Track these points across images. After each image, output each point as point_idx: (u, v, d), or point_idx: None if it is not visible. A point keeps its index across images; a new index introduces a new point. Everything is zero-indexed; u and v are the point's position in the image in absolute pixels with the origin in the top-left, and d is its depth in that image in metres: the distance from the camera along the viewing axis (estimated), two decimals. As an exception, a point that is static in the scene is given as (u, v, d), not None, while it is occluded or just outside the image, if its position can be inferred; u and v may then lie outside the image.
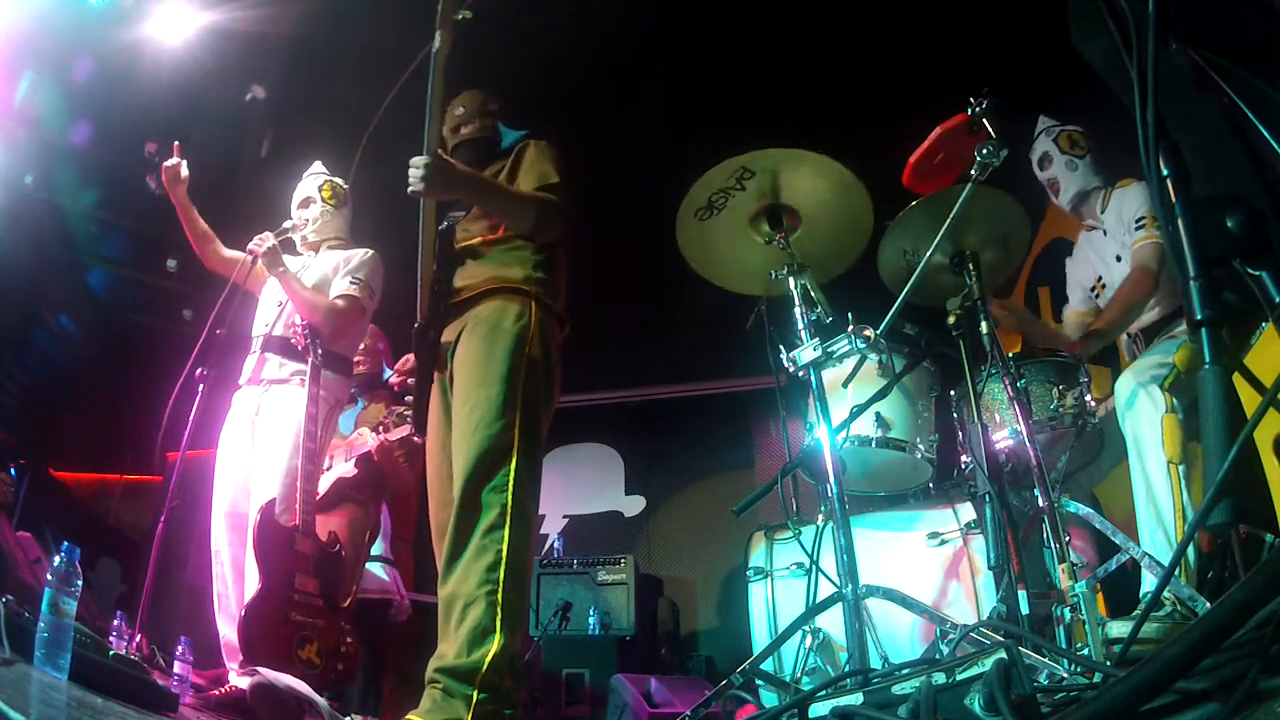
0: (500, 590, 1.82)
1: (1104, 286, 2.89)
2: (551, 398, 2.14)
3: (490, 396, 1.98)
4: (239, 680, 2.33)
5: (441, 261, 2.21)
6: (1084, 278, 3.00)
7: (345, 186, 3.34)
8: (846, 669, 1.92)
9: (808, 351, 2.09)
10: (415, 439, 2.34)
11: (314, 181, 3.29)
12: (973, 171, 2.12)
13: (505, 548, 1.86)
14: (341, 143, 3.96)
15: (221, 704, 2.10)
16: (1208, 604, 1.94)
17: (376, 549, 4.21)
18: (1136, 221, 2.69)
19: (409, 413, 3.29)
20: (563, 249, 2.31)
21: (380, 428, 3.32)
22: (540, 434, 2.07)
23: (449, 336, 2.17)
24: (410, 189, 2.04)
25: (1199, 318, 0.87)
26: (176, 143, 3.06)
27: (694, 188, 2.24)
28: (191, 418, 2.89)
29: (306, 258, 3.16)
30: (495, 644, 1.78)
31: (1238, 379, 1.11)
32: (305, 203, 3.24)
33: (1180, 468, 2.16)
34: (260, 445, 2.81)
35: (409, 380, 2.24)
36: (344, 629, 2.55)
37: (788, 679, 2.45)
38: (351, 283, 2.98)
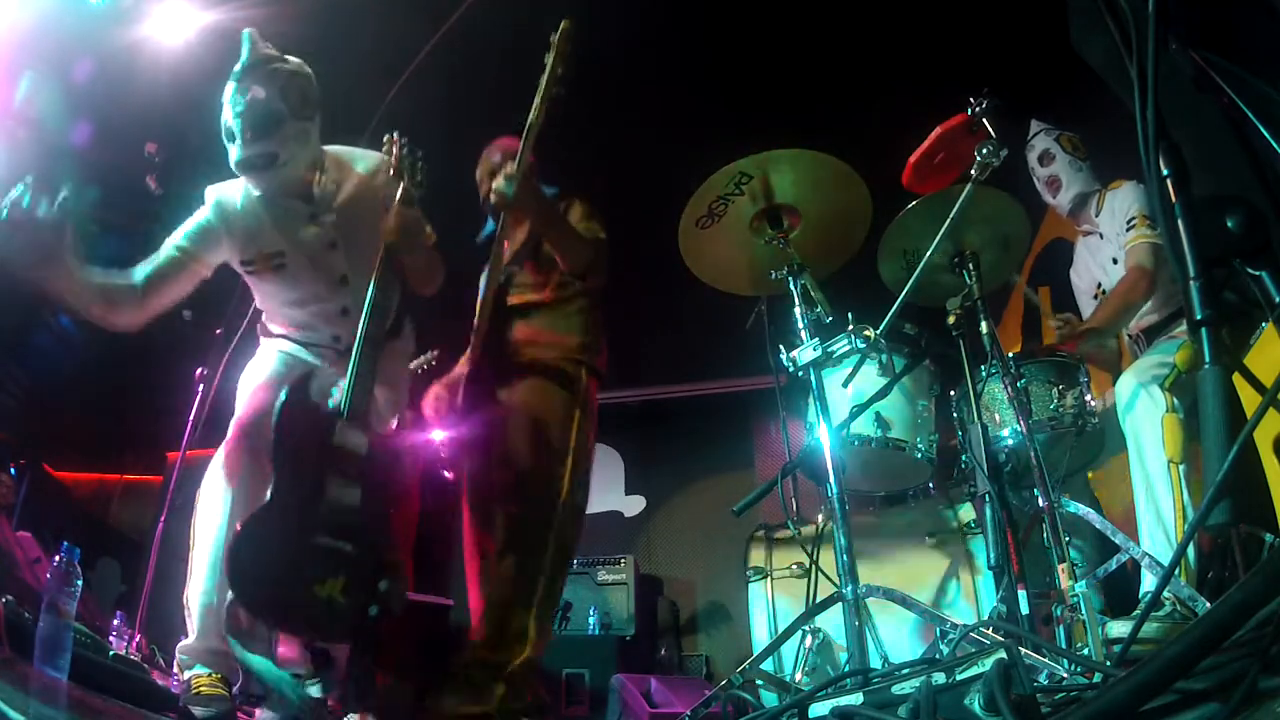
0: (541, 602, 2.10)
1: (1103, 292, 2.88)
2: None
3: (551, 453, 2.23)
4: None
5: (494, 311, 2.37)
6: (1087, 286, 2.99)
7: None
8: (846, 669, 1.92)
9: (808, 351, 2.09)
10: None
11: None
12: (973, 171, 2.12)
13: (547, 572, 2.13)
14: (341, 144, 3.96)
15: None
16: (1208, 604, 1.94)
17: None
18: (1128, 221, 2.69)
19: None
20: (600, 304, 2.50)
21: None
22: (589, 481, 2.33)
23: (502, 391, 2.33)
24: (494, 198, 2.15)
25: (1199, 318, 0.87)
26: None
27: (693, 197, 2.25)
28: (191, 418, 2.89)
29: None
30: (528, 649, 2.05)
31: (1238, 379, 1.11)
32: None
33: (1181, 467, 2.16)
34: None
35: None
36: (392, 560, 1.97)
37: (788, 679, 2.45)
38: None
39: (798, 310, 2.17)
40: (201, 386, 3.01)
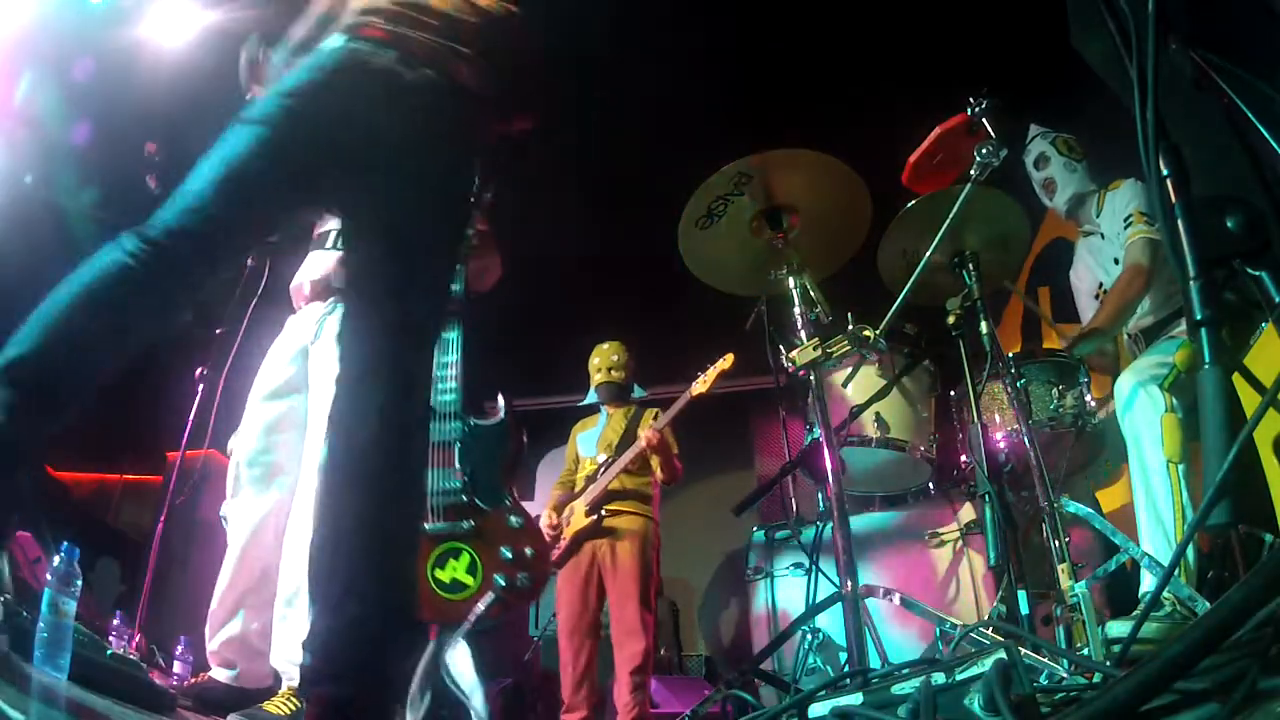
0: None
1: (1104, 292, 2.88)
2: None
3: (640, 583, 3.33)
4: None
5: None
6: (1088, 286, 2.99)
7: None
8: (846, 669, 1.92)
9: (807, 351, 2.09)
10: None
11: None
12: (972, 171, 2.12)
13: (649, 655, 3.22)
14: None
15: (198, 697, 2.08)
16: (1208, 604, 1.94)
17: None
18: (1125, 220, 2.69)
19: None
20: None
21: None
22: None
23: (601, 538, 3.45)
24: (645, 443, 3.46)
25: (1199, 318, 0.87)
26: None
27: (693, 197, 2.25)
28: (191, 418, 2.88)
29: None
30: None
31: (1238, 379, 1.11)
32: None
33: (1180, 467, 2.16)
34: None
35: None
36: (519, 528, 1.85)
37: (788, 679, 2.45)
38: None
39: (797, 310, 2.16)
40: (202, 386, 3.01)
